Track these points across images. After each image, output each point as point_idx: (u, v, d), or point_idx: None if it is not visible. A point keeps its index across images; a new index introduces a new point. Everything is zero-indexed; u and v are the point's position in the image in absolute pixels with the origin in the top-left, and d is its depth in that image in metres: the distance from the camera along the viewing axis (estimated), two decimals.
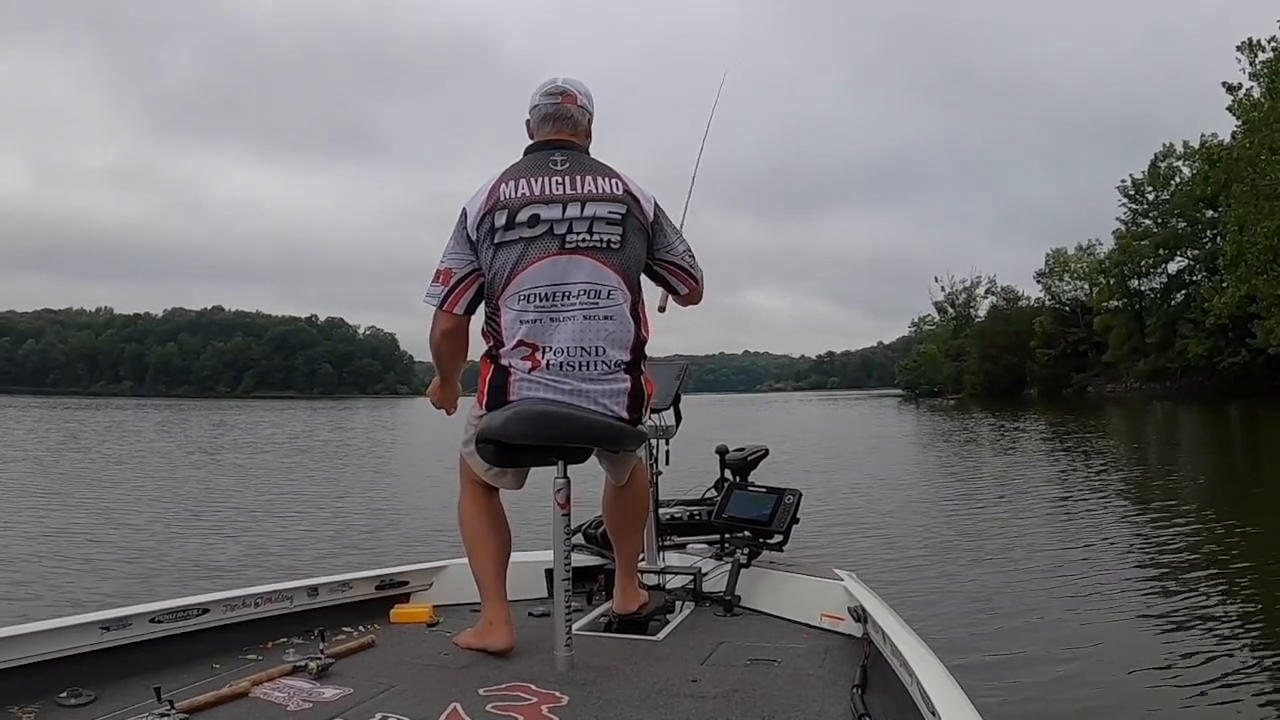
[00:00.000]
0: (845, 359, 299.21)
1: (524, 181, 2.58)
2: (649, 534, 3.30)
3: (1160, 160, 62.77)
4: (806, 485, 4.01)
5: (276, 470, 16.76)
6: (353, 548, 8.41)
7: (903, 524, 9.33)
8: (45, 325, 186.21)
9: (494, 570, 2.63)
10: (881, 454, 18.80)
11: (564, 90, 2.73)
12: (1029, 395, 68.71)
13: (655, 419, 3.20)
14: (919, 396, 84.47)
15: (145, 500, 11.92)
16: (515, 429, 2.44)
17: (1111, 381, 65.28)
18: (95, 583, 6.78)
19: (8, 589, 6.49)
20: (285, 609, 2.82)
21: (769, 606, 3.15)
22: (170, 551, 8.12)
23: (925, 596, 6.08)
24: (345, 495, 12.84)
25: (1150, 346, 62.48)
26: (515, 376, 2.52)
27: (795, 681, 2.35)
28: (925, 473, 15.57)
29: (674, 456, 3.49)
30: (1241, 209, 42.79)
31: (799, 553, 3.53)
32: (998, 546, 8.09)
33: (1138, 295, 65.98)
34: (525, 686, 2.23)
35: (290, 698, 2.15)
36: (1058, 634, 5.22)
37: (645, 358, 2.66)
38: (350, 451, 22.62)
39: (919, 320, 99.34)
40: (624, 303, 2.55)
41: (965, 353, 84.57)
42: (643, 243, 2.63)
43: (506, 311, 2.55)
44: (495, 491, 2.72)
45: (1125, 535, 8.45)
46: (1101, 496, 11.25)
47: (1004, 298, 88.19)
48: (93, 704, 2.11)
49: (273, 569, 7.27)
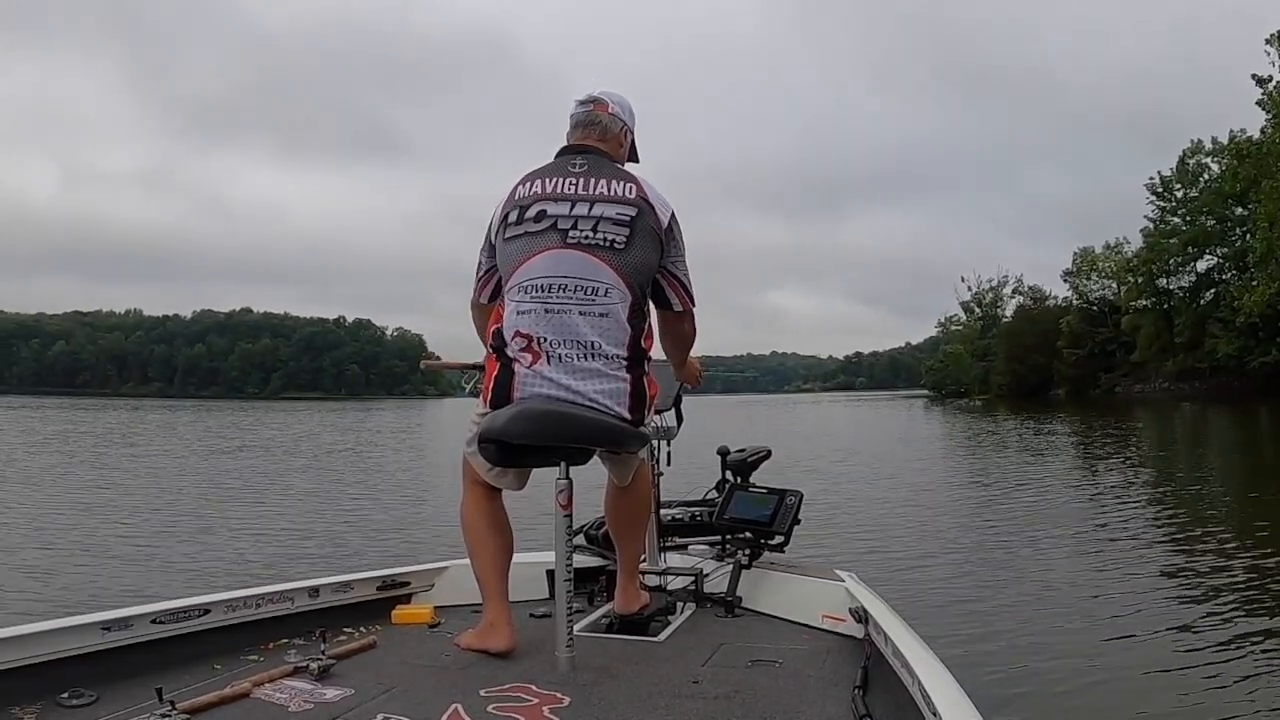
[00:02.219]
0: (873, 360, 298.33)
1: (539, 181, 2.63)
2: (650, 535, 3.29)
3: (1188, 156, 62.04)
4: (818, 486, 4.00)
5: (296, 471, 16.92)
6: (369, 546, 8.49)
7: (911, 525, 9.29)
8: (75, 327, 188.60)
9: (495, 571, 2.63)
10: (895, 456, 18.62)
11: (596, 99, 2.79)
12: (1056, 396, 68.16)
13: (657, 419, 3.20)
14: (945, 397, 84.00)
15: (165, 499, 12.06)
16: (517, 429, 2.44)
17: (1140, 382, 64.64)
18: (97, 581, 6.88)
19: (9, 590, 6.57)
20: (287, 610, 2.83)
21: (770, 607, 3.14)
22: (179, 550, 8.22)
23: (927, 597, 6.07)
24: (365, 494, 12.96)
25: (1179, 346, 61.76)
26: (519, 375, 2.53)
27: (796, 682, 2.35)
28: (939, 475, 15.38)
29: (683, 456, 3.49)
30: (1271, 205, 42.37)
31: (808, 554, 3.52)
32: (1004, 548, 8.05)
33: (1166, 294, 65.28)
34: (526, 687, 2.22)
35: (292, 698, 2.15)
36: (1060, 635, 5.20)
37: (649, 359, 2.65)
38: (376, 451, 22.75)
39: (945, 320, 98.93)
40: (620, 303, 2.53)
41: (992, 353, 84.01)
42: (653, 249, 2.59)
43: (509, 304, 2.58)
44: (498, 492, 2.72)
45: (1140, 540, 8.32)
46: (1120, 501, 11.11)
47: (1031, 297, 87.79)
48: (94, 704, 2.12)
49: (297, 565, 7.39)
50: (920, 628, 2.51)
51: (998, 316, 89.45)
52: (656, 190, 2.65)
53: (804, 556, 3.77)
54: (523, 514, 2.75)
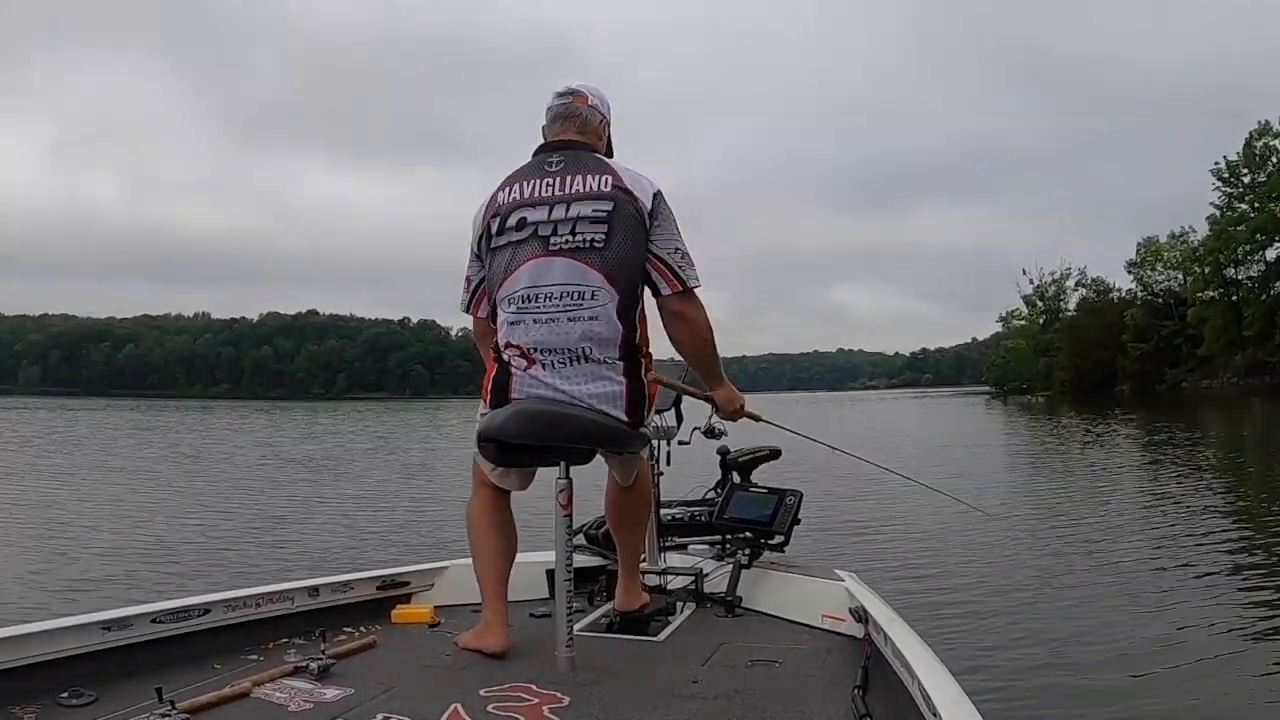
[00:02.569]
0: (939, 356, 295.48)
1: (517, 186, 2.62)
2: (650, 535, 3.30)
3: (1255, 139, 60.40)
4: (818, 487, 3.98)
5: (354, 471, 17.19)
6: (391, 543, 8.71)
7: (928, 530, 9.16)
8: (144, 330, 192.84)
9: (495, 571, 2.64)
10: (927, 455, 18.29)
11: (575, 90, 2.76)
12: (1120, 392, 66.83)
13: (657, 419, 3.19)
14: (1007, 394, 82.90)
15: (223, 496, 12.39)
16: (515, 428, 2.46)
17: (1207, 377, 63.04)
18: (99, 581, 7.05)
19: (14, 588, 6.74)
20: (286, 609, 2.85)
21: (770, 607, 3.13)
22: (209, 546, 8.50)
23: (929, 597, 6.06)
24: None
25: (1248, 339, 60.10)
26: (516, 376, 2.55)
27: (796, 682, 2.35)
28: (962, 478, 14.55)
29: (684, 456, 3.49)
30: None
31: (817, 555, 3.51)
32: (1010, 550, 7.98)
33: (1234, 284, 63.66)
34: (526, 687, 2.23)
35: (292, 698, 2.16)
36: (1061, 636, 5.16)
37: (648, 357, 2.64)
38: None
39: (1007, 314, 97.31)
40: (609, 303, 2.51)
41: (1054, 348, 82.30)
42: (636, 238, 2.54)
43: (500, 314, 2.61)
44: (505, 494, 2.73)
45: (1165, 544, 8.10)
46: (1156, 500, 10.89)
47: (1094, 290, 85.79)
48: (94, 704, 2.13)
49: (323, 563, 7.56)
50: (920, 628, 2.49)
51: (1060, 310, 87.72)
52: (636, 173, 2.61)
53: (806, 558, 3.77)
54: (523, 514, 2.76)
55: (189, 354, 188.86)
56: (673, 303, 2.59)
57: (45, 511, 10.97)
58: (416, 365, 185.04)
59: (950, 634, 5.03)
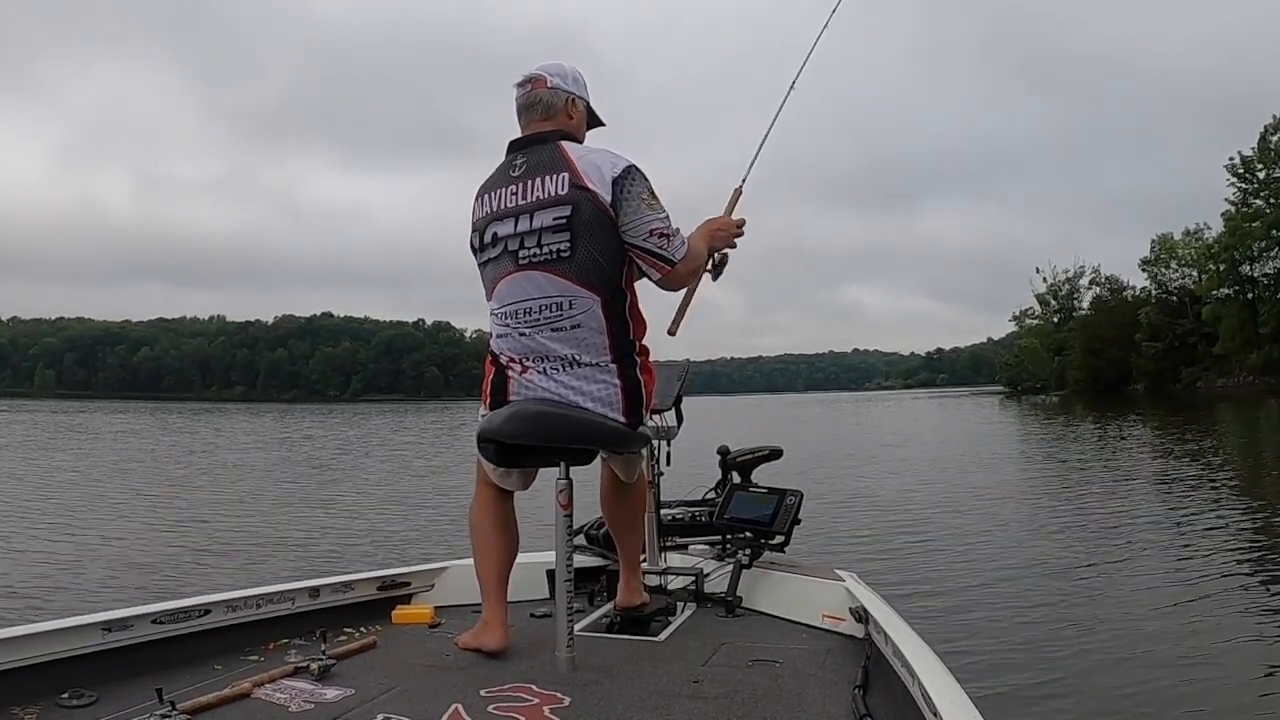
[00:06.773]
0: (954, 355, 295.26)
1: (487, 197, 2.63)
2: (650, 535, 3.30)
3: (1270, 134, 59.98)
4: (820, 487, 3.98)
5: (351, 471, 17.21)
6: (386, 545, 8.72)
7: (928, 530, 9.14)
8: (159, 333, 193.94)
9: (495, 571, 2.64)
10: (927, 460, 18.04)
11: (534, 76, 2.68)
12: (1135, 391, 66.51)
13: (656, 419, 3.19)
14: (1021, 393, 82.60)
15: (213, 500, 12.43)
16: (514, 428, 2.47)
17: (1222, 376, 62.70)
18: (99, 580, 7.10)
19: (12, 589, 6.76)
20: (287, 610, 2.86)
21: (771, 607, 3.14)
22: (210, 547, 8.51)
23: (929, 598, 6.06)
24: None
25: (1264, 337, 59.67)
26: (513, 378, 2.57)
27: (797, 682, 2.34)
28: (956, 480, 14.37)
29: (686, 455, 3.49)
30: None
31: (817, 554, 3.50)
32: (1011, 550, 7.95)
33: (1250, 282, 63.20)
34: (527, 687, 2.23)
35: (292, 699, 2.17)
36: (1062, 636, 5.16)
37: (644, 352, 2.63)
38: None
39: (1020, 313, 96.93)
40: (593, 306, 2.49)
41: (1068, 347, 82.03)
42: (605, 237, 2.49)
43: (492, 326, 2.64)
44: (508, 495, 2.73)
45: (1171, 545, 8.02)
46: (1161, 501, 10.87)
47: (1108, 288, 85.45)
48: (94, 705, 2.14)
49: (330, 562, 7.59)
50: (920, 628, 2.49)
51: (1074, 309, 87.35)
52: (597, 160, 2.53)
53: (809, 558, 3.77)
54: (523, 514, 2.76)
55: (204, 356, 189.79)
56: (670, 279, 2.60)
57: (49, 513, 11.03)
58: (431, 367, 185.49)
59: (950, 634, 5.03)
